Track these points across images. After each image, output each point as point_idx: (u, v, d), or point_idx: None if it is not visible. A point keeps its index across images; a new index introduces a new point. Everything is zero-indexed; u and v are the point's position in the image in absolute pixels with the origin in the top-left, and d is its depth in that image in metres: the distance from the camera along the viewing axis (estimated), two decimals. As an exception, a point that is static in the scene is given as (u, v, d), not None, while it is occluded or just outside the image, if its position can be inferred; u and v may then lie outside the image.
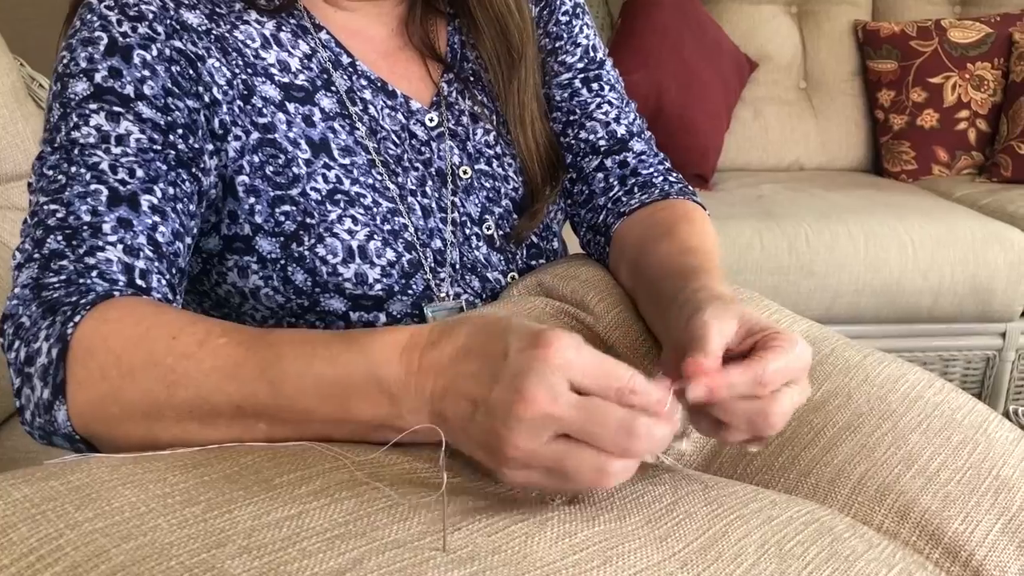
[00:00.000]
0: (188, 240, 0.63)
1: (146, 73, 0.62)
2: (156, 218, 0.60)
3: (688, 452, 0.49)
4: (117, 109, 0.60)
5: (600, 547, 0.44)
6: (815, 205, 1.93)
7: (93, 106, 0.60)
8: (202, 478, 0.45)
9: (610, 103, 0.83)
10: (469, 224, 0.75)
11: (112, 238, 0.57)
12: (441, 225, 0.73)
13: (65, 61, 0.62)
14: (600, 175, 0.82)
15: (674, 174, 0.83)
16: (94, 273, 0.56)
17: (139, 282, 0.58)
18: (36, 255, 0.57)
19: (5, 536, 0.41)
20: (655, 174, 0.81)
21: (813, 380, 0.66)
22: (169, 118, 0.62)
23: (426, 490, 0.47)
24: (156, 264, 0.59)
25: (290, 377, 0.49)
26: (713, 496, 0.51)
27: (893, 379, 0.66)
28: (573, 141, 0.82)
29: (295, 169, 0.66)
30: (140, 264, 0.58)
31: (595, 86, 0.83)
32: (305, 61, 0.70)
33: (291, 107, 0.68)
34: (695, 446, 0.53)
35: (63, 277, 0.56)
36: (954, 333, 1.89)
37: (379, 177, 0.70)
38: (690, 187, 0.82)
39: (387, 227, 0.69)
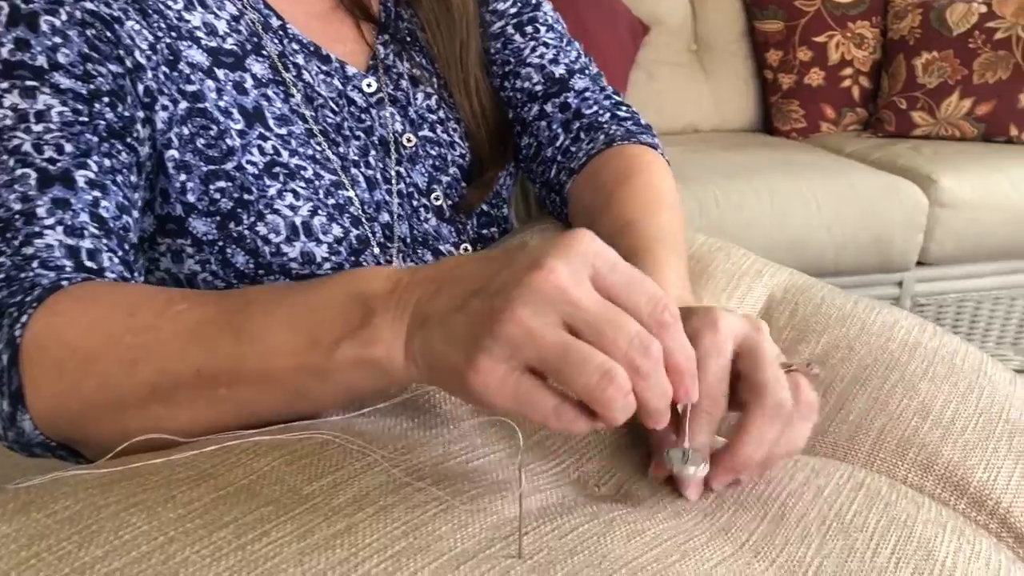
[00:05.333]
0: (135, 214, 0.57)
1: (57, 40, 0.54)
2: (96, 193, 0.53)
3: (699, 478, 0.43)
4: (31, 83, 0.53)
5: (673, 542, 0.40)
6: (718, 167, 1.93)
7: (4, 85, 0.53)
8: (216, 492, 0.39)
9: (546, 44, 0.77)
10: (416, 195, 0.70)
11: (49, 221, 0.51)
12: (387, 197, 0.68)
13: None
14: (543, 123, 0.76)
15: (623, 108, 0.77)
16: (35, 263, 0.49)
17: (88, 264, 0.51)
18: None
19: (-3, 589, 0.34)
20: (600, 111, 0.76)
21: (811, 331, 0.64)
22: (92, 86, 0.55)
23: (469, 481, 0.42)
24: (104, 242, 0.52)
25: (257, 315, 0.44)
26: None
27: (888, 326, 0.64)
28: (511, 93, 0.77)
29: (228, 141, 0.60)
30: (86, 244, 0.51)
31: (529, 29, 0.77)
32: (233, 24, 0.63)
33: (220, 73, 0.61)
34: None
35: (1, 276, 0.49)
36: (856, 284, 1.94)
37: (319, 148, 0.64)
38: (641, 121, 0.77)
39: (331, 201, 0.63)
